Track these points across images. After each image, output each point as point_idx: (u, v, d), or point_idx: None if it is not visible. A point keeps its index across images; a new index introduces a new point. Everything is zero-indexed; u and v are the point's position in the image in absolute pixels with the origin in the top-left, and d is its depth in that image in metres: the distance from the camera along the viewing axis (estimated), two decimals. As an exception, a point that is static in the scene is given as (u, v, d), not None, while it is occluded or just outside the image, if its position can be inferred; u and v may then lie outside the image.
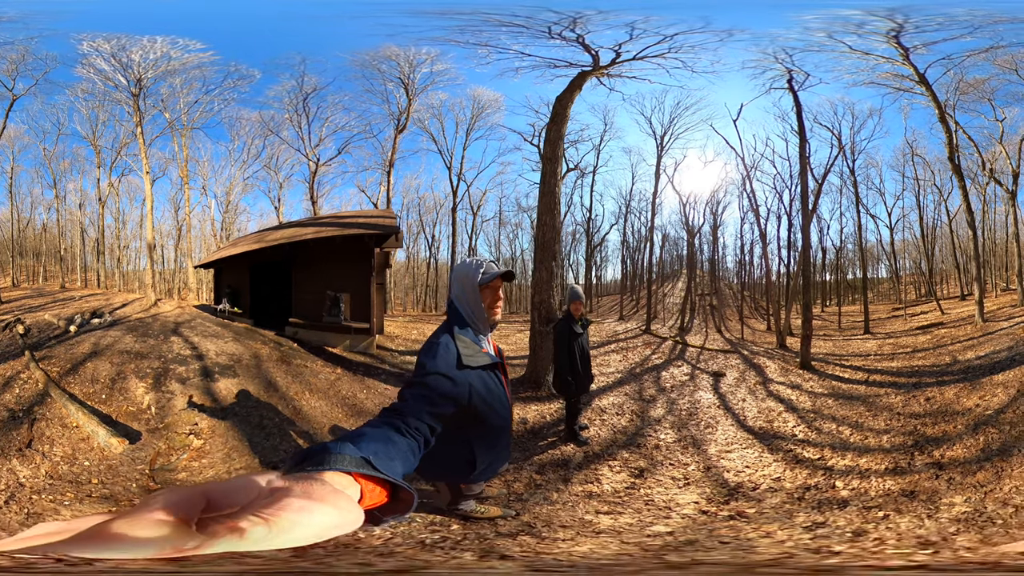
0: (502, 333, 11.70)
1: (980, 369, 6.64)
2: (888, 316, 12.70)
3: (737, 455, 5.40)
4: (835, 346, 10.45)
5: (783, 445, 5.56)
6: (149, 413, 5.28)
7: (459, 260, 1.94)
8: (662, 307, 15.39)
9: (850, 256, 14.87)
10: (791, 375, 8.42)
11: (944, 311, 11.42)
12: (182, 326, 9.03)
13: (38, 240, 15.10)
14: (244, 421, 5.56)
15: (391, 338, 11.05)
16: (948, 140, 9.75)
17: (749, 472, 4.90)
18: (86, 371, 5.93)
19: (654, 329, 12.92)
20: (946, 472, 4.17)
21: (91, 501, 3.66)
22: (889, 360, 8.63)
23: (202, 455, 4.66)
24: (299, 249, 10.27)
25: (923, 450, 4.74)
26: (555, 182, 8.01)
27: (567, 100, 8.34)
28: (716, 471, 4.98)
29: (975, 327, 9.22)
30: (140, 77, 11.33)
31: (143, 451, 4.52)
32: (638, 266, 17.56)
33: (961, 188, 9.76)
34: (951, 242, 13.36)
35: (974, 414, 5.25)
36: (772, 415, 6.63)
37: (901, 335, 10.53)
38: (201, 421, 5.23)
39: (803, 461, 5.03)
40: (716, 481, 4.71)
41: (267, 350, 8.53)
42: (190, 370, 6.62)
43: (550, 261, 7.83)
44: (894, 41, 9.29)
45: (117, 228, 14.76)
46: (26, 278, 14.86)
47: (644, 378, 8.63)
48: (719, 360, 9.79)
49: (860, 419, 5.97)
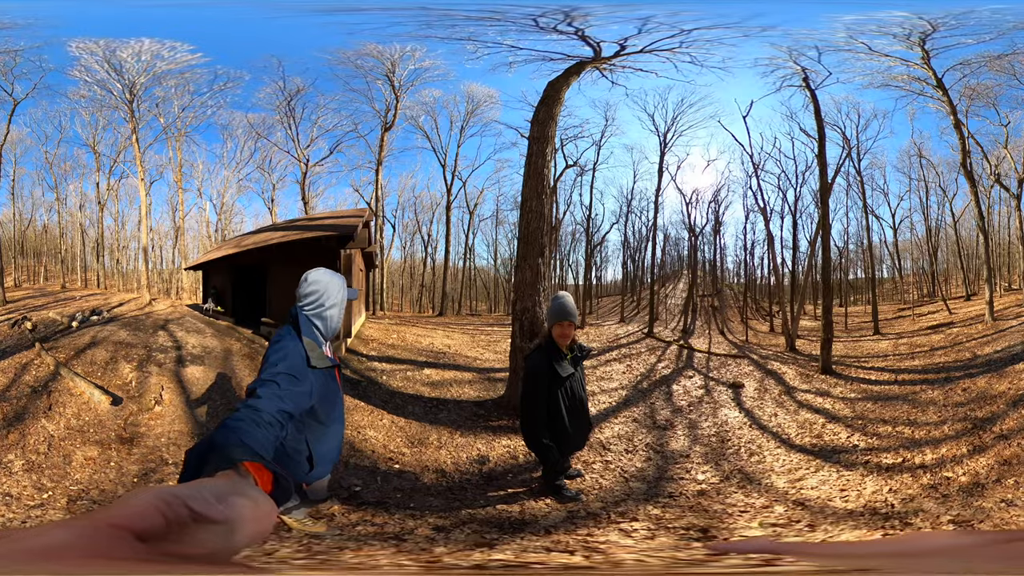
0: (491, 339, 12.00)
1: (1001, 361, 7.10)
2: (895, 316, 13.08)
3: (814, 481, 4.79)
4: (847, 348, 10.67)
5: (852, 458, 5.27)
6: (131, 386, 7.10)
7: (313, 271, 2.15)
8: (664, 308, 15.60)
9: (852, 256, 15.37)
10: (814, 381, 8.29)
11: (952, 311, 11.83)
12: (171, 323, 10.03)
13: (39, 241, 15.79)
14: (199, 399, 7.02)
15: (365, 342, 11.01)
16: (961, 145, 10.16)
17: (846, 495, 4.39)
18: (87, 356, 7.66)
19: (656, 332, 13.12)
20: (1015, 438, 4.70)
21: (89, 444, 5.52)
22: (911, 359, 8.87)
23: (159, 418, 6.33)
24: (271, 253, 10.82)
25: (985, 429, 5.12)
26: (543, 163, 7.07)
27: (561, 84, 7.85)
28: (810, 505, 4.23)
29: (986, 325, 9.66)
30: (133, 82, 11.76)
31: (124, 411, 6.38)
32: (639, 266, 17.79)
33: (972, 192, 10.19)
34: (955, 243, 13.83)
35: (1009, 395, 5.81)
36: (816, 428, 6.30)
37: (913, 335, 10.85)
38: (165, 394, 6.89)
39: (891, 467, 4.91)
40: (823, 513, 4.03)
41: (239, 346, 9.38)
42: (168, 357, 8.21)
43: (535, 257, 6.57)
44: (919, 44, 9.53)
45: (116, 229, 15.57)
46: (27, 278, 15.39)
47: (653, 395, 7.99)
48: (731, 367, 9.78)
49: (911, 416, 6.10)
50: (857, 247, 14.72)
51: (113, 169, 14.22)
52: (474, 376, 9.12)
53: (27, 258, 15.81)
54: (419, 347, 11.07)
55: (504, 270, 18.34)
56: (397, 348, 10.85)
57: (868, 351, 10.27)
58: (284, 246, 10.71)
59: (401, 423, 6.86)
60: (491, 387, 8.57)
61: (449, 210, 15.63)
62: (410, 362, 9.82)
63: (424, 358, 10.17)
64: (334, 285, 2.61)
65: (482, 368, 9.61)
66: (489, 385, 8.69)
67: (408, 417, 7.05)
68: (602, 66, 9.54)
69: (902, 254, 15.17)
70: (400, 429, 6.68)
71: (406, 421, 6.94)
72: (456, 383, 8.79)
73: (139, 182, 12.74)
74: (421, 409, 7.46)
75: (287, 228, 12.22)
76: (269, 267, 11.23)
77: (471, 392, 8.41)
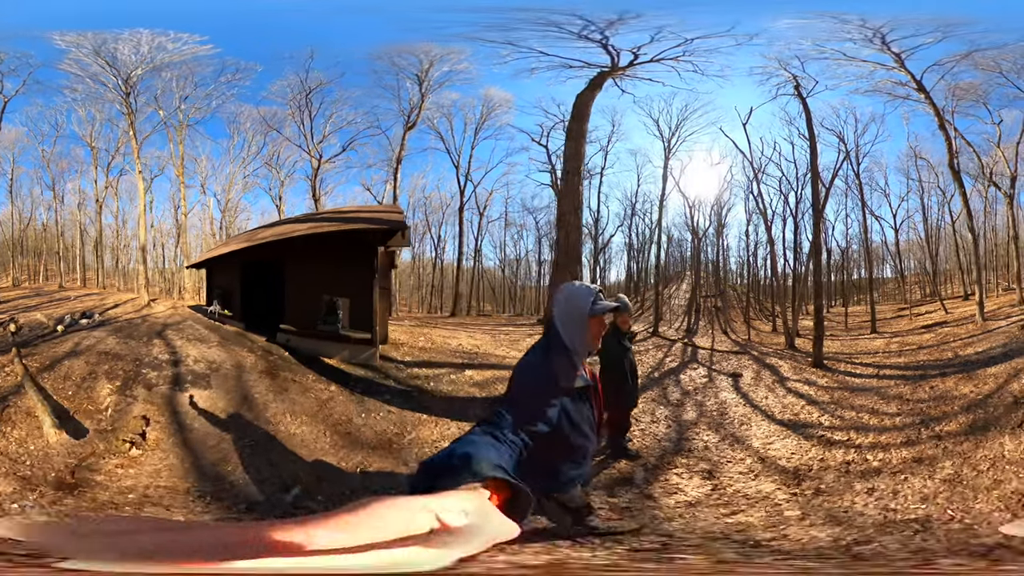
0: (511, 338, 12.30)
1: (975, 363, 7.96)
2: (894, 316, 13.62)
3: (778, 445, 6.51)
4: (843, 345, 11.37)
5: (812, 432, 6.77)
6: (104, 414, 5.81)
7: (570, 284, 2.20)
8: (667, 309, 16.21)
9: (855, 256, 15.91)
10: (805, 373, 9.42)
11: (948, 311, 12.38)
12: (169, 328, 9.25)
13: (39, 240, 15.70)
14: (200, 441, 5.65)
15: (396, 346, 10.63)
16: (948, 147, 10.66)
17: (797, 458, 6.06)
18: (62, 368, 6.65)
19: (661, 331, 13.78)
20: (945, 441, 5.62)
21: (9, 478, 4.47)
22: (897, 356, 9.81)
23: (133, 464, 4.98)
24: (292, 247, 9.79)
25: (928, 426, 6.13)
26: (578, 180, 8.05)
27: (588, 98, 8.62)
28: (771, 460, 6.01)
29: (975, 326, 10.29)
30: (128, 74, 11.45)
31: (86, 447, 5.13)
32: (643, 268, 18.34)
33: (962, 195, 10.72)
34: (954, 243, 14.19)
35: (968, 398, 6.71)
36: (796, 409, 7.74)
37: (907, 334, 11.53)
38: (152, 432, 5.54)
39: (834, 443, 6.32)
40: (776, 469, 5.83)
41: (253, 358, 8.31)
42: (161, 376, 6.85)
43: (575, 265, 7.75)
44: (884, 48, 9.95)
45: (116, 227, 15.46)
46: (27, 277, 15.43)
47: (665, 382, 9.31)
48: (732, 362, 10.64)
49: (876, 407, 7.33)
50: (859, 248, 15.27)
51: (111, 165, 14.03)
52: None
53: (27, 257, 15.80)
54: (450, 348, 10.93)
55: (510, 271, 18.85)
56: (429, 351, 10.66)
57: (862, 348, 11.05)
58: (310, 240, 9.67)
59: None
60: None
61: (462, 212, 15.94)
62: (448, 365, 9.73)
63: (460, 360, 10.11)
64: (583, 299, 2.36)
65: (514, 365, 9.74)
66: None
67: (473, 421, 6.96)
68: (617, 76, 10.09)
69: (905, 254, 15.59)
70: None
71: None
72: (500, 381, 8.82)
73: (137, 176, 12.60)
74: (483, 410, 7.42)
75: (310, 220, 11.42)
76: (286, 263, 10.16)
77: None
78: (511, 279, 19.03)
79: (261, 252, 10.28)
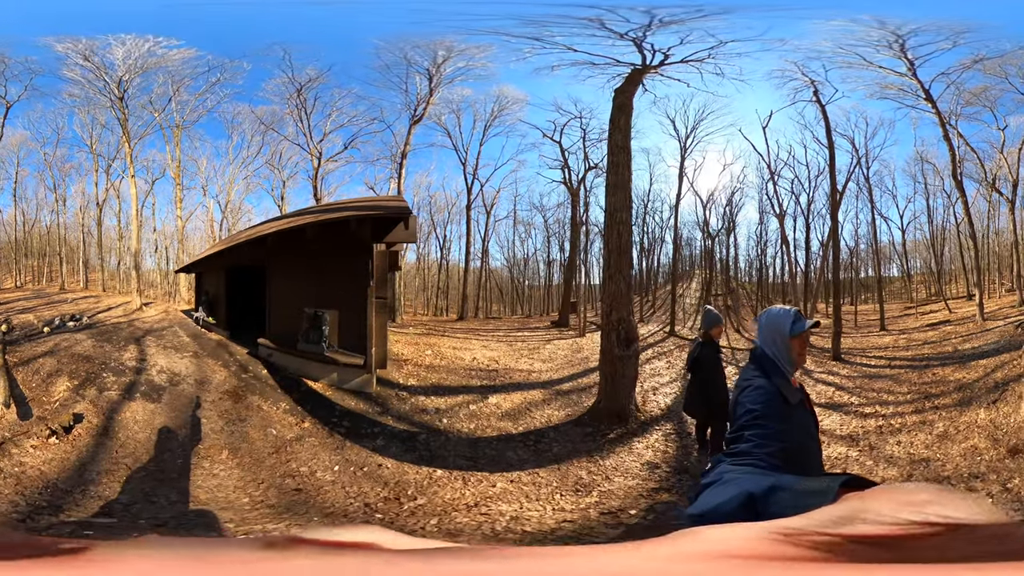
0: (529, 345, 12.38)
1: (971, 356, 9.57)
2: (901, 314, 14.49)
3: (827, 421, 7.89)
4: (855, 342, 12.28)
5: (848, 409, 8.54)
6: (52, 406, 6.46)
7: (769, 309, 2.70)
8: (679, 307, 16.91)
9: (862, 256, 16.69)
10: (827, 366, 10.75)
11: (952, 310, 13.27)
12: (151, 334, 9.36)
13: (42, 242, 16.19)
14: (110, 452, 5.70)
15: (399, 363, 9.00)
16: (952, 158, 11.39)
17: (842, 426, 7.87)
18: (34, 365, 7.39)
19: (676, 331, 14.42)
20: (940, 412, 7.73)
21: None
22: (905, 351, 11.22)
23: (47, 448, 5.48)
24: (274, 249, 8.54)
25: (930, 400, 8.28)
26: (628, 175, 7.52)
27: (628, 93, 8.39)
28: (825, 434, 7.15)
29: (975, 325, 11.34)
30: (120, 78, 11.57)
31: (23, 428, 5.85)
32: (653, 267, 18.73)
33: (964, 204, 11.48)
34: (959, 244, 14.88)
35: (961, 381, 8.66)
36: (829, 393, 9.37)
37: (913, 331, 12.54)
38: (79, 428, 5.91)
39: (867, 415, 8.22)
40: (833, 437, 7.45)
41: (225, 375, 7.78)
42: (117, 382, 7.22)
43: (628, 269, 7.29)
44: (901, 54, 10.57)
45: (119, 230, 15.61)
46: (31, 279, 15.87)
47: None
48: (750, 359, 11.69)
49: (891, 388, 9.18)
50: (868, 247, 16.08)
51: (110, 169, 14.35)
52: (545, 394, 8.43)
53: (32, 259, 16.21)
54: (464, 366, 9.57)
55: (518, 271, 18.94)
56: (439, 370, 9.09)
57: (873, 344, 12.19)
58: (288, 238, 8.24)
59: (525, 479, 5.22)
60: (571, 401, 8.02)
61: (469, 211, 15.72)
62: (465, 390, 8.32)
63: (478, 381, 8.79)
64: (783, 321, 2.54)
65: (545, 382, 9.09)
66: (566, 400, 8.16)
67: (520, 468, 5.52)
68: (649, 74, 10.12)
69: (912, 254, 16.41)
70: (533, 485, 5.11)
71: (527, 474, 5.33)
72: (533, 406, 7.84)
73: (130, 180, 12.74)
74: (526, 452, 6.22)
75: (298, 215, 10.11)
76: (267, 266, 9.06)
77: (558, 413, 7.60)
78: (519, 279, 19.08)
79: (244, 255, 9.12)
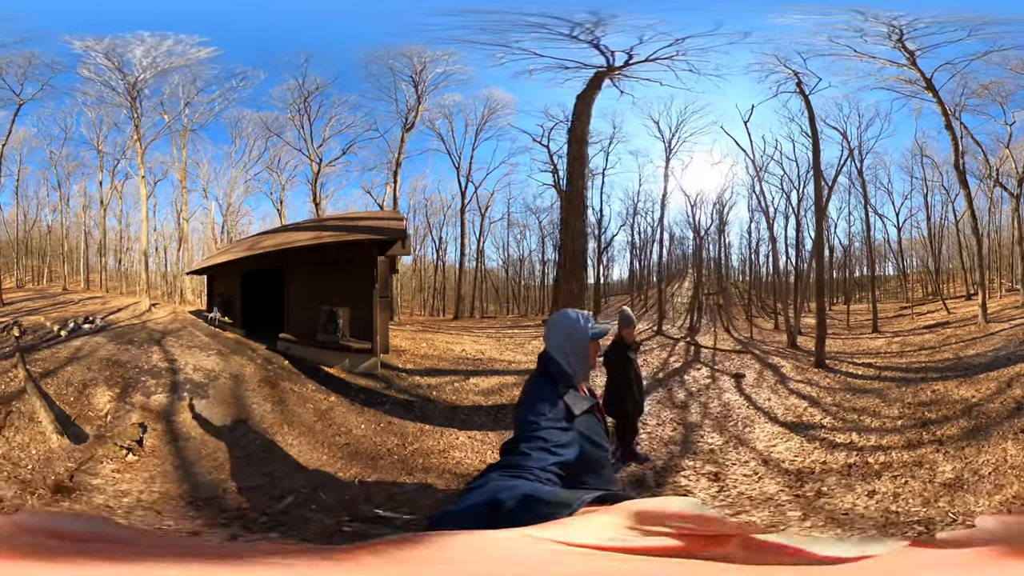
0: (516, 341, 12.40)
1: (978, 367, 8.14)
2: (895, 315, 13.82)
3: (782, 447, 6.69)
4: (845, 344, 11.58)
5: (815, 434, 6.97)
6: (103, 420, 6.03)
7: (563, 312, 2.30)
8: (670, 307, 16.44)
9: (857, 254, 16.10)
10: (807, 373, 9.64)
11: (950, 311, 12.55)
12: (169, 335, 9.41)
13: (44, 241, 15.99)
14: (195, 449, 5.84)
15: (398, 353, 10.70)
16: (954, 147, 10.73)
17: (800, 461, 6.24)
18: (64, 374, 6.91)
19: (665, 330, 14.03)
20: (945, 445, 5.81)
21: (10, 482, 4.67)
22: (898, 357, 10.04)
23: (129, 469, 5.21)
24: (293, 256, 10.11)
25: (927, 429, 6.39)
26: (582, 184, 8.13)
27: (588, 98, 8.71)
28: (774, 463, 6.20)
29: (978, 327, 10.47)
30: (136, 79, 11.76)
31: (85, 452, 5.33)
32: (644, 266, 18.53)
33: (966, 195, 10.81)
34: (958, 242, 14.36)
35: (968, 402, 6.95)
36: (799, 410, 7.95)
37: (909, 333, 11.75)
38: (149, 438, 5.77)
39: (836, 445, 6.52)
40: (780, 470, 6.03)
41: (253, 367, 8.45)
42: (160, 384, 7.04)
43: (581, 272, 7.81)
44: (899, 45, 10.02)
45: (120, 230, 15.78)
46: (32, 279, 15.62)
47: (670, 383, 9.58)
48: (734, 361, 10.86)
49: (877, 409, 7.48)
50: (862, 245, 15.45)
51: (116, 169, 14.32)
52: (518, 379, 9.20)
53: (32, 258, 15.99)
54: (454, 355, 11.06)
55: (514, 271, 19.06)
56: (432, 358, 10.71)
57: (863, 348, 11.29)
58: (307, 250, 10.02)
59: (479, 436, 6.96)
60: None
61: (463, 213, 16.13)
62: (452, 372, 9.84)
63: (464, 367, 10.22)
64: (581, 326, 2.43)
65: (522, 371, 9.88)
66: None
67: (482, 429, 7.18)
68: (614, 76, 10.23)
69: (907, 252, 15.79)
70: (483, 443, 6.78)
71: (482, 433, 7.05)
72: (506, 387, 8.99)
73: (140, 181, 12.92)
74: (487, 418, 7.61)
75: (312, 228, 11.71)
76: (286, 272, 10.48)
77: (523, 393, 8.78)
78: (514, 279, 19.23)
79: (262, 260, 10.51)
